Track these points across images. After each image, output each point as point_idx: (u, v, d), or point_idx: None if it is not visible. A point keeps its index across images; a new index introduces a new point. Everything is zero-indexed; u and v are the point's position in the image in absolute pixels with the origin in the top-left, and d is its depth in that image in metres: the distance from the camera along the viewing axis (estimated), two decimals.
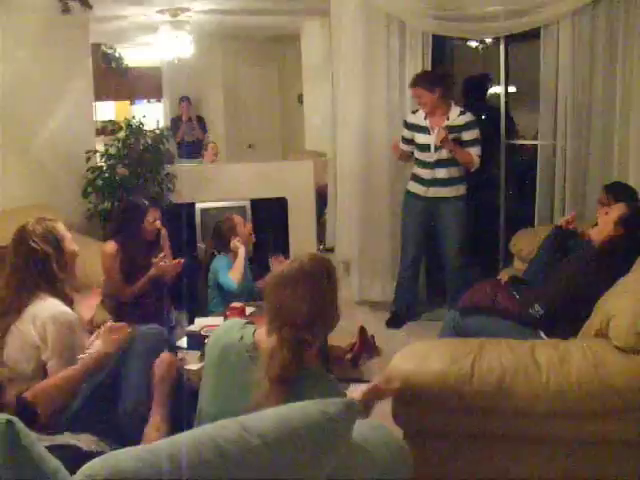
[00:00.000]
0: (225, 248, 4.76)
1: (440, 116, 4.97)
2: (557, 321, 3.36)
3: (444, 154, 4.97)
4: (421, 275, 5.61)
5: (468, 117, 4.95)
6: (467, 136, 4.93)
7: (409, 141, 5.17)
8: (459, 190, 5.09)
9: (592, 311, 3.02)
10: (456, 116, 4.94)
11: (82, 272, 4.70)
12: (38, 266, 2.78)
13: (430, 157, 5.02)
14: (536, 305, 3.48)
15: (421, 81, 4.94)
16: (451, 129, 4.91)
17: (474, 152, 4.94)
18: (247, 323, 2.36)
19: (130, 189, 5.62)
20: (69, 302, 2.88)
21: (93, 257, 4.61)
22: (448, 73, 5.17)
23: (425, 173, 5.08)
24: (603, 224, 3.57)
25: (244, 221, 4.88)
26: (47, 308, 2.67)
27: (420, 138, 5.07)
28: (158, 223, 4.63)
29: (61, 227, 2.99)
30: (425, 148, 5.05)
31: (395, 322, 5.36)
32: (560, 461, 2.67)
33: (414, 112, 5.14)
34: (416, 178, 5.17)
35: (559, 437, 2.64)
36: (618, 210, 3.54)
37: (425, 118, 5.01)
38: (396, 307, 5.45)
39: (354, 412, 1.79)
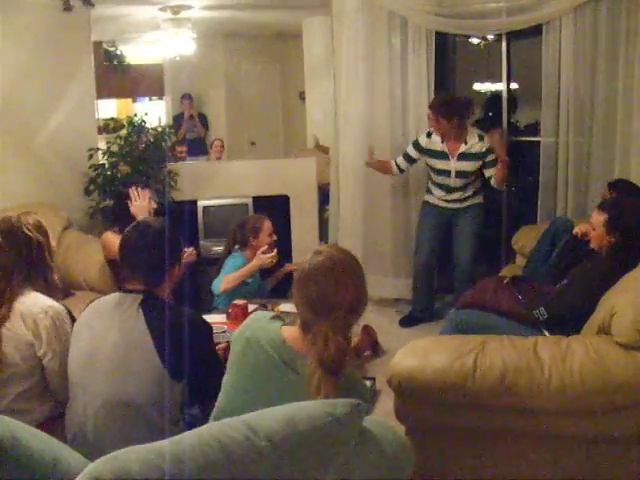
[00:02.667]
0: (241, 245, 4.66)
1: (457, 141, 4.94)
2: (561, 324, 3.35)
3: (461, 182, 5.00)
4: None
5: (488, 142, 4.93)
6: (490, 158, 4.91)
7: (411, 160, 5.18)
8: (476, 199, 5.13)
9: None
10: (475, 142, 4.92)
11: (83, 269, 4.75)
12: (32, 254, 2.77)
13: (449, 182, 5.03)
14: (541, 309, 3.48)
15: (440, 107, 4.90)
16: (470, 156, 4.91)
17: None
18: (273, 318, 2.30)
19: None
20: (60, 291, 2.89)
21: (95, 254, 4.62)
22: (469, 101, 5.11)
23: (443, 195, 5.12)
24: (596, 239, 3.54)
25: (272, 230, 4.67)
26: (35, 304, 2.66)
27: (438, 164, 5.05)
28: (153, 203, 4.54)
29: (44, 223, 3.00)
30: (444, 173, 5.04)
31: (409, 321, 5.37)
32: (562, 458, 2.67)
33: (429, 135, 5.09)
34: (433, 194, 5.20)
35: (561, 434, 2.64)
36: (599, 219, 3.50)
37: (442, 142, 4.99)
38: (413, 307, 5.46)
39: (361, 413, 1.79)
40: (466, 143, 4.93)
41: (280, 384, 2.14)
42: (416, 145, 5.14)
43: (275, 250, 4.52)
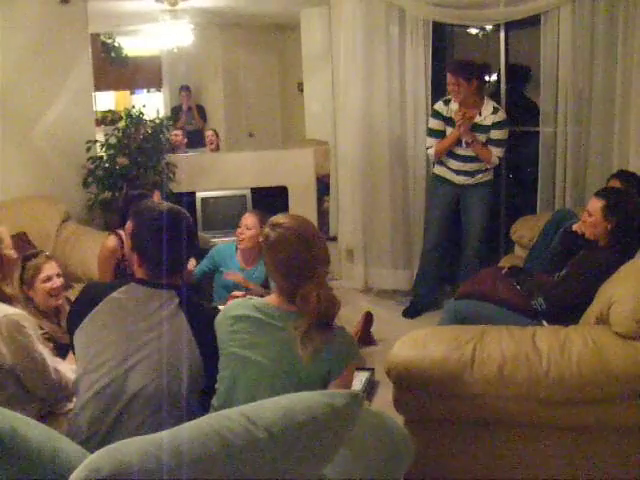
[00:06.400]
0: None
1: (472, 109, 4.88)
2: (560, 314, 3.35)
3: (471, 151, 4.94)
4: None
5: (500, 116, 4.86)
6: (494, 135, 4.86)
7: (438, 133, 5.06)
8: (486, 176, 5.06)
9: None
10: (489, 113, 4.86)
11: (81, 262, 4.75)
12: None
13: (460, 151, 4.97)
14: (540, 299, 3.48)
15: (460, 69, 4.84)
16: (481, 127, 4.87)
17: (496, 152, 4.89)
18: (249, 298, 2.45)
19: (129, 179, 5.63)
20: (9, 303, 2.85)
21: (94, 247, 4.61)
22: (486, 65, 5.08)
23: (455, 165, 5.04)
24: (592, 227, 3.54)
25: (254, 224, 4.32)
26: None
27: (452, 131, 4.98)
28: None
29: (3, 231, 2.98)
30: (456, 142, 4.97)
31: (412, 312, 5.32)
32: (560, 447, 2.68)
33: (446, 102, 5.02)
34: (444, 165, 5.12)
35: (559, 423, 2.65)
36: (596, 206, 3.51)
37: (460, 109, 4.91)
38: (415, 296, 5.42)
39: (359, 404, 1.79)
40: (480, 114, 4.87)
41: (272, 341, 2.25)
42: (437, 115, 5.04)
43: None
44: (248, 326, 2.29)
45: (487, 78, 5.03)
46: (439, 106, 5.05)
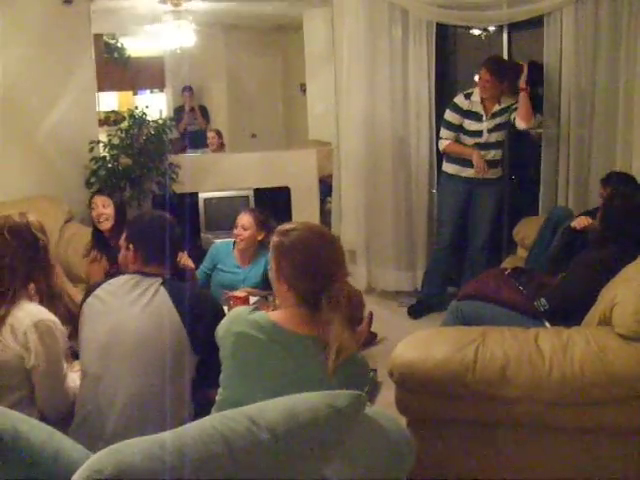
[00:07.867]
0: None
1: (495, 101, 4.94)
2: (562, 315, 3.35)
3: (494, 137, 4.98)
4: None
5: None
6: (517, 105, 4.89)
7: (454, 127, 5.06)
8: (497, 172, 5.10)
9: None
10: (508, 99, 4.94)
11: (84, 262, 4.74)
12: (37, 256, 2.75)
13: (481, 140, 4.98)
14: (542, 299, 3.48)
15: (495, 69, 4.83)
16: (502, 110, 4.93)
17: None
18: (253, 310, 2.27)
19: (133, 179, 5.65)
20: (58, 292, 2.86)
21: None
22: (518, 65, 5.08)
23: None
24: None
25: (250, 223, 4.41)
26: (26, 316, 2.57)
27: (472, 125, 4.99)
28: (105, 210, 4.31)
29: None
30: (476, 134, 4.99)
31: (417, 310, 5.29)
32: (562, 449, 2.68)
33: (467, 96, 5.01)
34: (456, 160, 5.10)
35: (562, 425, 2.64)
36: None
37: (481, 102, 4.94)
38: (423, 294, 5.40)
39: (362, 405, 1.79)
40: (500, 104, 4.92)
41: (279, 367, 2.14)
42: (456, 109, 5.03)
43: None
44: (252, 349, 2.16)
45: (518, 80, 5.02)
46: (459, 99, 5.04)
